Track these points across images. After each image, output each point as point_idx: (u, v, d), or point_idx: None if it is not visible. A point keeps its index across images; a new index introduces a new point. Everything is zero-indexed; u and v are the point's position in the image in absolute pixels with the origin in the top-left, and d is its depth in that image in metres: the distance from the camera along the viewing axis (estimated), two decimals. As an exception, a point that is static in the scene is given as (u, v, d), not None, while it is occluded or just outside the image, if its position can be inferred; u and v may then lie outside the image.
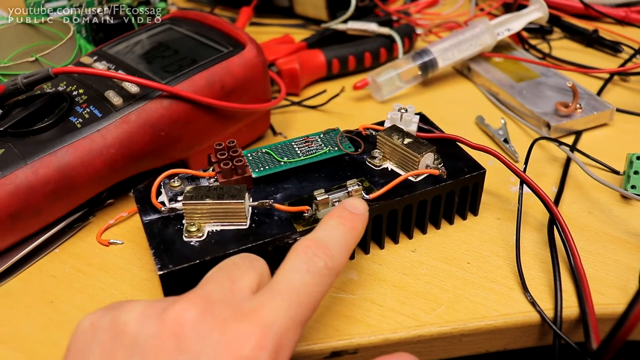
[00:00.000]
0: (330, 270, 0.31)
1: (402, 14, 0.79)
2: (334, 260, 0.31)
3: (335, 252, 0.32)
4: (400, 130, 0.44)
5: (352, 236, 0.34)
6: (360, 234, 0.35)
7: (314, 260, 0.31)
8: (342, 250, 0.33)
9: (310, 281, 0.30)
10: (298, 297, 0.29)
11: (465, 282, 0.41)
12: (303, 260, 0.30)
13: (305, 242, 0.32)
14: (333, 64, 0.66)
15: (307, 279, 0.30)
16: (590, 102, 0.58)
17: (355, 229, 0.34)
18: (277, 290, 0.29)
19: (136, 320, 0.27)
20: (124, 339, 0.27)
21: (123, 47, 0.54)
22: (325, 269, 0.31)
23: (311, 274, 0.30)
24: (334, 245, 0.32)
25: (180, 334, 0.26)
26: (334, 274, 0.31)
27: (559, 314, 0.38)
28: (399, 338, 0.37)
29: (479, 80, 0.66)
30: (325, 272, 0.31)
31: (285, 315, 0.28)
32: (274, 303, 0.28)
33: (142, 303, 0.29)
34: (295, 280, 0.29)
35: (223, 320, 0.27)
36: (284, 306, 0.28)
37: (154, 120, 0.45)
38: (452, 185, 0.43)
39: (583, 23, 0.78)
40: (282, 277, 0.30)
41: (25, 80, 0.45)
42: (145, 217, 0.40)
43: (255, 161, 0.43)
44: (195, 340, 0.26)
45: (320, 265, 0.30)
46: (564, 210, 0.47)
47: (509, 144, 0.54)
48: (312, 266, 0.30)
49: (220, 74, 0.48)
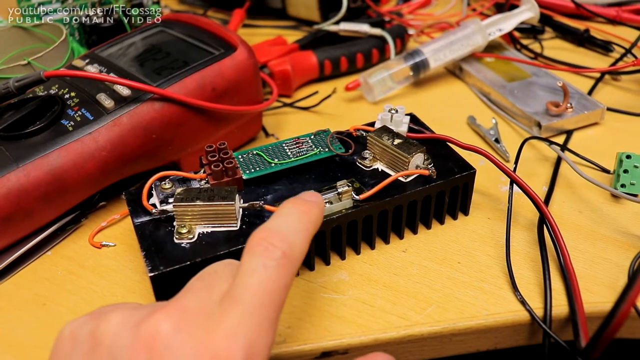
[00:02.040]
0: (289, 259, 0.29)
1: (395, 15, 0.79)
2: (292, 247, 0.30)
3: (292, 238, 0.30)
4: (390, 131, 0.44)
5: (308, 220, 0.32)
6: (317, 220, 0.33)
7: (269, 250, 0.29)
8: (299, 235, 0.31)
9: (268, 278, 0.28)
10: (259, 299, 0.28)
11: (455, 281, 0.41)
12: (258, 255, 0.29)
13: (259, 234, 0.30)
14: (325, 65, 0.66)
15: (265, 276, 0.28)
16: (581, 102, 0.58)
17: (310, 212, 0.33)
18: (237, 299, 0.28)
19: (113, 331, 0.27)
20: (101, 350, 0.27)
21: (115, 50, 0.54)
22: (283, 259, 0.29)
23: (269, 269, 0.28)
24: (289, 231, 0.31)
25: (152, 347, 0.26)
26: (294, 261, 0.30)
27: (549, 312, 0.38)
28: (389, 338, 0.37)
29: (471, 80, 0.66)
30: (284, 262, 0.29)
31: (250, 323, 0.27)
32: (236, 314, 0.27)
33: (122, 312, 0.28)
34: (253, 283, 0.28)
35: (194, 333, 0.27)
36: (246, 315, 0.27)
37: (146, 123, 0.45)
38: (442, 186, 0.43)
39: (574, 22, 0.78)
40: (240, 283, 0.28)
41: (17, 83, 0.45)
42: (137, 219, 0.40)
43: (246, 163, 0.43)
44: (166, 354, 0.26)
45: (277, 256, 0.29)
46: (554, 209, 0.48)
47: (500, 143, 0.55)
48: (268, 259, 0.29)
49: (211, 76, 0.48)
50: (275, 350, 0.36)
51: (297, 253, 0.30)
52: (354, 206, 0.40)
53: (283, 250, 0.29)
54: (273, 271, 0.29)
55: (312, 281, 0.41)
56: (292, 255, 0.30)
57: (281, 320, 0.38)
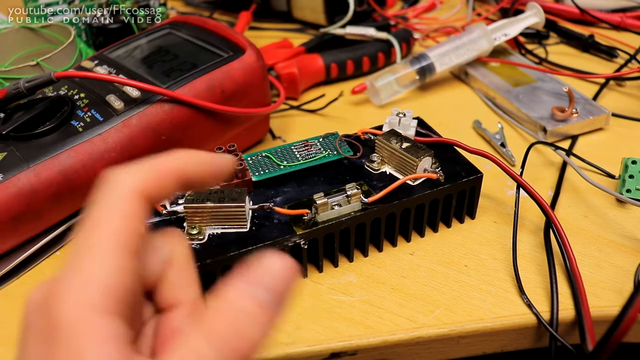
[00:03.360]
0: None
1: (400, 19, 0.79)
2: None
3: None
4: (398, 135, 0.44)
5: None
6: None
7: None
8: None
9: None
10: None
11: (462, 284, 0.41)
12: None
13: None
14: (331, 68, 0.66)
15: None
16: (586, 107, 0.59)
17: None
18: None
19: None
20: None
21: (124, 52, 0.54)
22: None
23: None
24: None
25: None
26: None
27: (555, 316, 0.39)
28: (397, 340, 0.38)
29: (476, 84, 0.66)
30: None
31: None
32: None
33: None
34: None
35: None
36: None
37: (155, 124, 0.46)
38: (449, 189, 0.43)
39: (579, 28, 0.78)
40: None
41: (28, 84, 0.46)
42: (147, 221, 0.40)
43: (255, 165, 0.43)
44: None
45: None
46: (560, 213, 0.48)
47: (505, 148, 0.55)
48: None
49: (220, 78, 0.49)
50: (284, 351, 0.37)
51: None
52: (363, 209, 0.40)
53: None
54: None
55: (320, 283, 0.41)
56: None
57: (290, 321, 0.39)
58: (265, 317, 0.25)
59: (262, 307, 0.25)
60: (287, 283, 0.26)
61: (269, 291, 0.25)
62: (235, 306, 0.25)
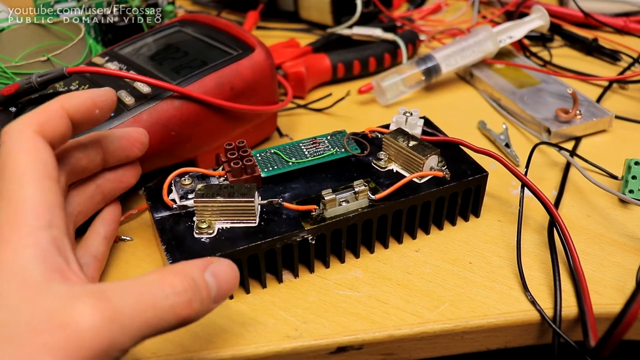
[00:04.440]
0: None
1: (406, 20, 0.80)
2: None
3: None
4: (405, 133, 0.45)
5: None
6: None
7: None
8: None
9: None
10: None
11: (467, 281, 0.42)
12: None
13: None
14: (338, 68, 0.67)
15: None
16: (590, 109, 0.59)
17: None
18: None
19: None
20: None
21: (134, 49, 0.55)
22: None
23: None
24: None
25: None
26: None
27: (559, 313, 0.39)
28: (402, 334, 0.38)
29: (481, 86, 0.67)
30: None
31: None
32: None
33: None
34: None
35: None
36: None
37: (165, 120, 0.46)
38: (455, 187, 0.44)
39: (583, 31, 0.79)
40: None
41: (40, 79, 0.46)
42: (157, 214, 0.41)
43: (264, 161, 0.44)
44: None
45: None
46: (564, 213, 0.48)
47: (510, 148, 0.56)
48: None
49: (229, 76, 0.49)
50: (291, 344, 0.37)
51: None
52: (370, 205, 0.41)
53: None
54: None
55: (327, 278, 0.42)
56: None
57: (298, 315, 0.39)
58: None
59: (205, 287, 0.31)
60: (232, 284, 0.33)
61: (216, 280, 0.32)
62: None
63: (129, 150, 0.42)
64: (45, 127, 0.33)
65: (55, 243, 0.30)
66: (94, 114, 0.36)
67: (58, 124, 0.33)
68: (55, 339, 0.26)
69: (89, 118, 0.36)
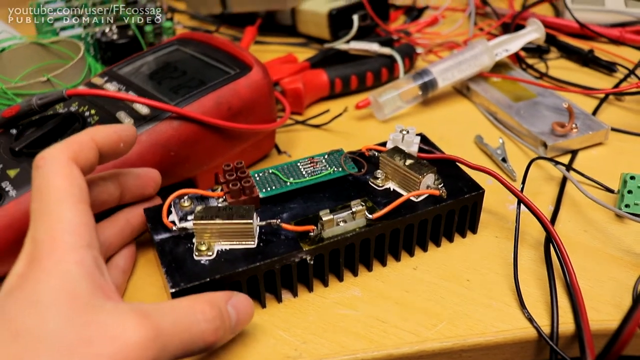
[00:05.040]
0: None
1: (403, 34, 0.80)
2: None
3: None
4: (402, 152, 0.45)
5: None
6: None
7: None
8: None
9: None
10: None
11: (464, 298, 0.42)
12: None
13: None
14: (336, 83, 0.68)
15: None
16: (586, 122, 0.60)
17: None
18: None
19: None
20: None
21: (132, 68, 0.55)
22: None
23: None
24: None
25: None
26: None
27: (556, 330, 0.40)
28: (401, 353, 0.39)
29: (478, 99, 0.67)
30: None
31: None
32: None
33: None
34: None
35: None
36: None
37: (164, 141, 0.47)
38: (452, 205, 0.44)
39: (579, 42, 0.80)
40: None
41: (40, 101, 0.47)
42: (157, 236, 0.41)
43: (262, 181, 0.44)
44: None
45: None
46: (560, 228, 0.49)
47: (506, 163, 0.56)
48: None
49: (227, 95, 0.50)
50: (291, 364, 0.38)
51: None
52: (367, 225, 0.41)
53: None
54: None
55: (326, 297, 0.42)
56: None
57: (297, 335, 0.40)
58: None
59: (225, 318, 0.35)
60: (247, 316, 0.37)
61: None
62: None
63: (144, 189, 0.44)
64: (79, 156, 0.35)
65: (95, 262, 0.32)
66: (118, 147, 0.39)
67: (89, 154, 0.36)
68: (107, 349, 0.28)
69: (114, 151, 0.38)
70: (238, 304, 0.36)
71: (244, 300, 0.37)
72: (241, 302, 0.37)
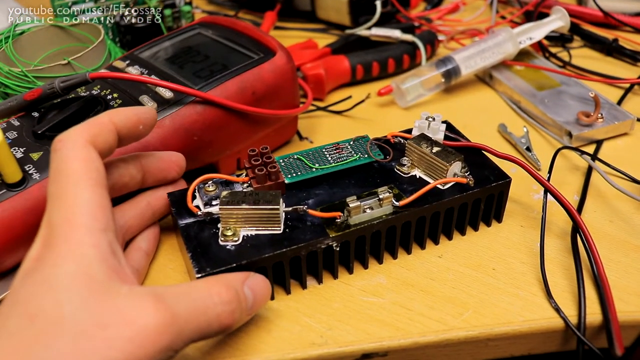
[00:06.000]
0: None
1: (424, 20, 0.80)
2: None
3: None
4: (428, 139, 0.45)
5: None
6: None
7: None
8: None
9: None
10: None
11: (490, 287, 0.42)
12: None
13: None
14: (357, 69, 0.67)
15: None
16: (611, 112, 0.59)
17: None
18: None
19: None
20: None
21: (154, 52, 0.55)
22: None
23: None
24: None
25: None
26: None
27: (583, 320, 0.39)
28: (427, 342, 0.38)
29: (501, 88, 0.66)
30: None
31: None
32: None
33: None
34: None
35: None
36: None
37: (187, 125, 0.46)
38: (478, 194, 0.44)
39: (603, 31, 0.78)
40: None
41: (63, 84, 0.46)
42: (182, 221, 0.41)
43: (287, 167, 0.44)
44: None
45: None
46: (586, 218, 0.48)
47: (531, 152, 0.55)
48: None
49: (251, 80, 0.49)
50: (316, 351, 0.38)
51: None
52: (394, 212, 0.41)
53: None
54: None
55: (351, 284, 0.42)
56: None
57: (322, 322, 0.39)
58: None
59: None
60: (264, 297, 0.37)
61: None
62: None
63: (167, 172, 0.44)
64: (97, 139, 0.35)
65: (111, 246, 0.32)
66: (138, 129, 0.38)
67: (107, 136, 0.36)
68: (123, 333, 0.28)
69: (133, 133, 0.38)
70: (254, 285, 0.36)
71: (260, 281, 0.37)
72: (257, 283, 0.36)
